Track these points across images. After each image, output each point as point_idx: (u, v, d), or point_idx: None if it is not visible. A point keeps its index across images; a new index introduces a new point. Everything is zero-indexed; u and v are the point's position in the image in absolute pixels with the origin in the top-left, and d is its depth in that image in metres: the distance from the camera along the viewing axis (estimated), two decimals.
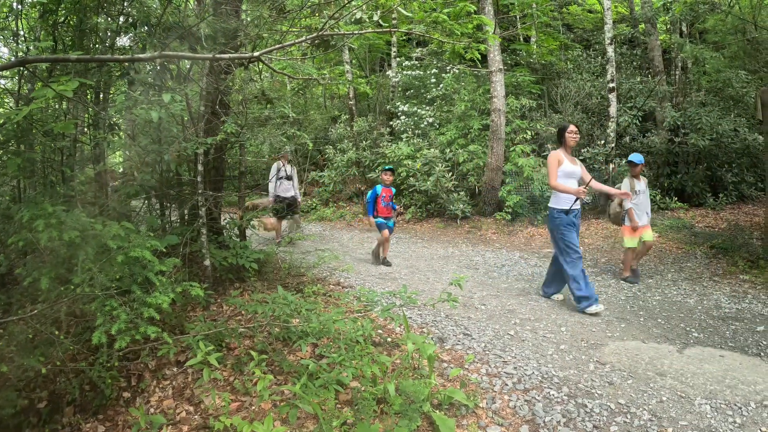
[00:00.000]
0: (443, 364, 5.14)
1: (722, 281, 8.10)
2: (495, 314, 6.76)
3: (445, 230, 13.81)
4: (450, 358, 5.31)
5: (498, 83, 13.92)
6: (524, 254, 10.66)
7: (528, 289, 7.98)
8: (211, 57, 3.29)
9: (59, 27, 6.19)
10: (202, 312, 6.16)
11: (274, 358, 4.96)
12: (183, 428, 3.98)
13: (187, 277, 6.13)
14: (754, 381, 4.68)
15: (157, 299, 4.00)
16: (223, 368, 4.82)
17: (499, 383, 4.71)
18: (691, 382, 4.66)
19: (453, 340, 5.80)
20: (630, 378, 4.77)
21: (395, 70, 19.05)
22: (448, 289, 6.00)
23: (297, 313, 5.40)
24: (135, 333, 3.86)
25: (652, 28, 15.24)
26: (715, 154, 13.82)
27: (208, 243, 6.63)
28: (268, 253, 7.92)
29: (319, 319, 5.04)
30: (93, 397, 4.30)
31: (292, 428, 3.84)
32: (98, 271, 3.95)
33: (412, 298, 5.48)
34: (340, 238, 13.48)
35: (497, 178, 14.17)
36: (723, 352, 5.41)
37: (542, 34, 19.53)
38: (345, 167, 17.74)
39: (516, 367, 5.04)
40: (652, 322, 6.37)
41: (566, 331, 6.05)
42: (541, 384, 4.68)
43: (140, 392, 4.52)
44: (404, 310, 6.27)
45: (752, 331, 5.97)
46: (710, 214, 12.96)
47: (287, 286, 7.46)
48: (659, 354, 5.31)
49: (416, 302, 5.58)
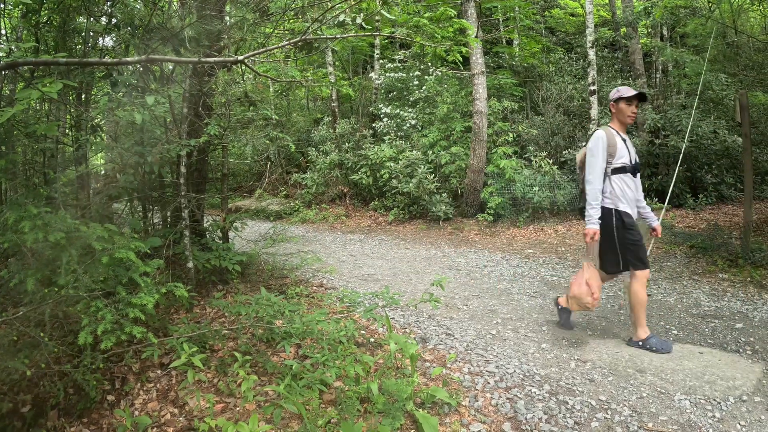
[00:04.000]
0: (426, 364, 5.19)
1: (702, 280, 8.21)
2: (477, 314, 6.82)
3: (428, 232, 13.86)
4: (432, 358, 5.35)
5: (480, 86, 13.99)
6: (506, 255, 10.73)
7: (510, 290, 8.04)
8: (196, 60, 3.30)
9: (42, 27, 6.16)
10: (185, 314, 6.14)
11: (258, 360, 4.96)
12: (168, 430, 3.97)
13: (170, 279, 6.09)
14: (733, 376, 4.76)
15: (141, 300, 4.01)
16: (207, 370, 4.82)
17: (481, 382, 4.76)
18: (671, 379, 4.74)
19: (435, 340, 5.85)
20: (610, 375, 4.84)
21: (378, 73, 19.07)
22: (430, 289, 6.04)
23: (280, 314, 5.41)
24: (120, 333, 3.86)
25: (633, 32, 15.39)
26: (695, 156, 13.97)
27: (191, 245, 6.63)
28: (251, 255, 7.92)
29: (303, 320, 5.06)
30: (77, 400, 4.27)
31: (277, 428, 3.85)
32: (83, 272, 3.94)
33: (395, 299, 5.52)
34: (323, 240, 13.48)
35: (479, 180, 14.25)
36: (702, 348, 5.49)
37: (525, 37, 19.64)
38: (327, 169, 17.72)
39: (498, 365, 5.10)
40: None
41: (547, 331, 6.12)
42: (522, 382, 4.74)
43: (124, 395, 4.50)
44: (387, 311, 6.31)
45: (731, 329, 6.07)
46: (690, 215, 13.11)
47: (270, 288, 7.46)
48: (639, 351, 5.38)
49: (399, 303, 5.62)
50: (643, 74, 15.60)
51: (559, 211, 13.71)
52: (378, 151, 15.99)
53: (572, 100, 16.05)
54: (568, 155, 14.12)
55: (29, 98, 3.44)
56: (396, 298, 5.59)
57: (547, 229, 12.77)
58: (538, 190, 13.33)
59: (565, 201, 13.44)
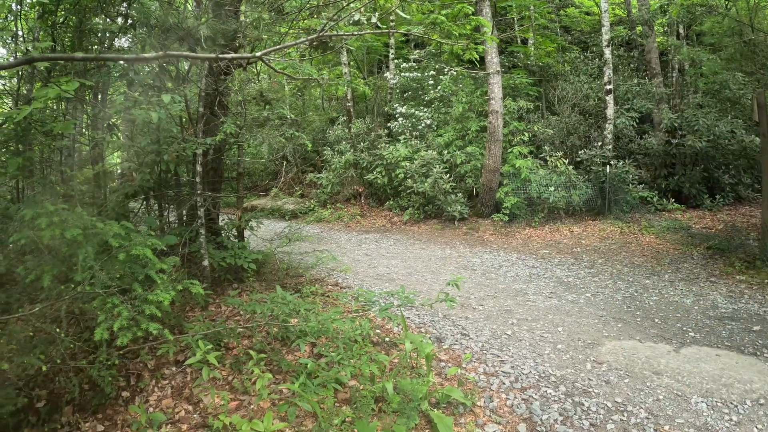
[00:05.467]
0: (441, 364, 5.18)
1: (719, 282, 8.13)
2: (492, 314, 6.79)
3: (443, 232, 13.82)
4: (448, 358, 5.34)
5: (495, 85, 13.94)
6: (521, 255, 10.68)
7: (525, 290, 8.00)
8: (213, 57, 3.30)
9: (58, 27, 6.21)
10: (201, 312, 6.19)
11: (273, 358, 4.98)
12: (182, 427, 4.00)
13: (186, 277, 6.16)
14: (750, 379, 4.72)
15: (158, 297, 4.02)
16: (221, 368, 4.86)
17: (496, 382, 4.75)
18: (688, 381, 4.70)
19: (451, 340, 5.83)
20: (627, 377, 4.81)
21: (393, 72, 19.05)
22: (446, 289, 6.02)
23: (296, 312, 5.42)
24: (137, 330, 3.89)
25: (650, 30, 15.26)
26: (712, 156, 13.85)
27: (207, 243, 6.67)
28: (266, 254, 7.94)
29: (318, 318, 5.06)
30: (92, 396, 4.31)
31: (291, 426, 3.85)
32: (99, 269, 3.96)
33: (410, 298, 5.51)
34: (338, 240, 13.48)
35: (495, 180, 14.19)
36: (719, 351, 5.44)
37: (540, 36, 19.54)
38: (342, 169, 17.71)
39: (513, 366, 5.07)
40: (648, 322, 6.40)
41: (563, 331, 6.08)
42: (538, 383, 4.72)
43: (139, 391, 4.54)
44: (402, 310, 6.30)
45: (748, 331, 6.01)
46: (707, 216, 12.99)
47: (285, 287, 7.50)
48: (656, 353, 5.34)
49: (414, 302, 5.60)
50: (659, 73, 15.47)
51: (574, 212, 13.63)
52: (393, 150, 15.97)
53: (588, 99, 15.93)
54: (583, 155, 14.02)
55: (46, 96, 3.46)
56: (411, 297, 5.58)
57: (563, 230, 12.69)
58: (553, 190, 13.26)
59: (580, 201, 13.35)
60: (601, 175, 13.42)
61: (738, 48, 13.40)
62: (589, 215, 13.53)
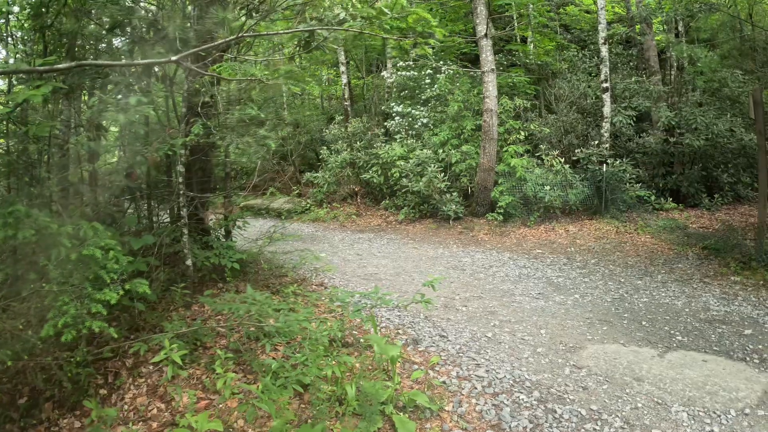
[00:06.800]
0: (414, 366, 5.03)
1: (713, 283, 7.95)
2: (475, 316, 6.64)
3: (438, 231, 13.67)
4: (422, 360, 5.20)
5: (490, 83, 13.77)
6: (514, 255, 10.51)
7: (513, 291, 7.83)
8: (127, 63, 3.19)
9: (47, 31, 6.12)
10: (182, 311, 6.18)
11: (245, 357, 4.96)
12: (153, 425, 4.07)
13: (168, 277, 6.30)
14: (736, 387, 4.54)
15: (105, 295, 3.95)
16: (196, 367, 4.87)
17: (468, 386, 4.60)
18: (670, 388, 4.53)
19: (428, 342, 5.68)
20: (606, 383, 4.64)
21: (390, 71, 18.91)
22: (423, 290, 5.85)
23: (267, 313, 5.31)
24: (82, 327, 3.89)
25: (648, 28, 15.10)
26: (710, 155, 13.66)
27: (191, 243, 6.65)
28: (251, 254, 7.87)
29: (286, 319, 4.94)
30: (71, 392, 4.38)
31: (253, 426, 3.76)
32: (53, 268, 3.95)
33: (385, 299, 5.36)
34: (332, 239, 13.36)
35: (489, 179, 14.02)
36: (706, 356, 5.27)
37: (538, 34, 19.36)
38: (339, 168, 17.58)
39: (488, 370, 4.92)
40: (635, 324, 6.23)
41: (545, 334, 5.92)
42: (511, 388, 4.56)
43: (116, 389, 4.61)
44: (383, 311, 6.19)
45: (739, 335, 5.83)
46: (705, 215, 12.81)
47: (270, 286, 7.50)
48: (639, 358, 5.17)
49: (390, 303, 5.46)
50: (658, 71, 15.30)
51: (571, 211, 13.45)
52: (389, 149, 15.83)
53: (586, 97, 15.75)
54: (580, 154, 13.83)
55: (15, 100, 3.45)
56: (387, 298, 5.44)
57: (558, 229, 12.52)
58: (549, 189, 13.08)
59: (577, 200, 13.16)
60: (597, 174, 13.23)
61: (735, 44, 13.19)
62: (586, 214, 13.36)
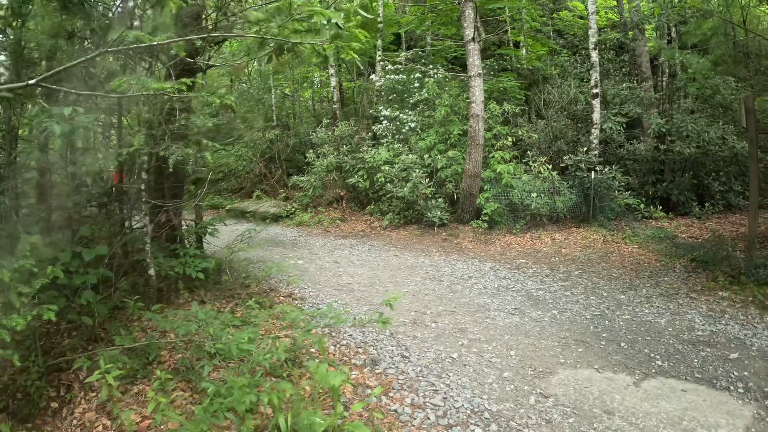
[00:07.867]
0: (367, 390, 4.64)
1: (699, 298, 7.56)
2: (444, 333, 6.24)
3: (421, 238, 13.28)
4: (377, 383, 4.82)
5: (477, 88, 13.42)
6: (495, 265, 10.11)
7: (488, 305, 7.43)
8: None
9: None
10: (140, 323, 5.98)
11: (192, 377, 4.78)
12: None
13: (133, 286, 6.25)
14: (716, 423, 4.15)
15: (11, 321, 3.59)
16: (146, 383, 4.77)
17: (421, 416, 4.22)
18: (642, 424, 4.13)
19: (387, 363, 5.31)
20: (572, 415, 4.25)
21: (379, 74, 18.60)
22: (380, 309, 5.45)
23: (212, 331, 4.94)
24: None
25: (640, 34, 14.80)
26: (702, 162, 13.31)
27: (153, 252, 6.48)
28: (219, 262, 7.55)
29: (228, 339, 4.56)
30: (23, 405, 4.36)
31: None
32: None
33: (341, 318, 4.96)
34: (313, 245, 12.96)
35: (475, 185, 13.66)
36: (686, 384, 4.88)
37: (531, 39, 19.06)
38: (325, 172, 17.21)
39: (446, 397, 4.54)
40: (614, 346, 5.84)
41: (515, 356, 5.52)
42: (468, 419, 4.18)
43: (67, 402, 4.55)
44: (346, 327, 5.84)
45: (724, 359, 5.43)
46: (695, 224, 12.46)
47: (236, 297, 7.27)
48: (612, 387, 4.77)
49: (345, 322, 5.05)
50: (650, 77, 14.97)
51: (558, 219, 13.06)
52: (375, 154, 15.47)
53: (576, 103, 15.42)
54: (568, 160, 13.45)
55: None
56: (343, 317, 5.03)
57: (544, 237, 12.14)
58: (536, 196, 12.70)
59: (565, 208, 12.78)
60: (586, 181, 12.85)
61: (728, 50, 12.85)
62: (574, 222, 12.98)
